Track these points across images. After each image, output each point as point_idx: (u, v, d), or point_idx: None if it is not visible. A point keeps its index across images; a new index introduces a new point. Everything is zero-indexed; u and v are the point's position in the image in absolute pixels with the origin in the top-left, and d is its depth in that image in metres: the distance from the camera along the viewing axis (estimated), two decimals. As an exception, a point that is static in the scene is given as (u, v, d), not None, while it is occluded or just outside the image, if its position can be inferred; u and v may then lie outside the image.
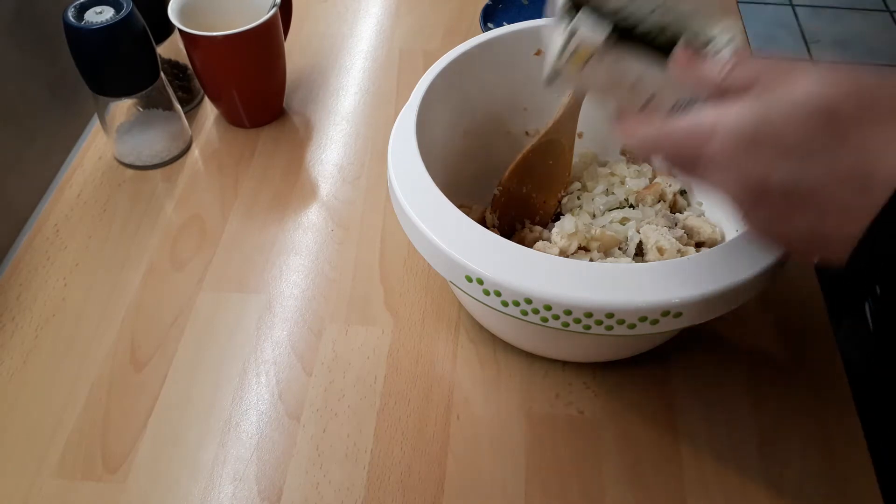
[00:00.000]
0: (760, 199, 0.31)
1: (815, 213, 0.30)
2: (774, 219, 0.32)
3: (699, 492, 0.48)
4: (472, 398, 0.53)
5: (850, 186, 0.29)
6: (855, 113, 0.29)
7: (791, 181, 0.30)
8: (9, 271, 0.60)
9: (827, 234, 0.30)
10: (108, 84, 0.63)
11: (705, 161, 0.32)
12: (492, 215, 0.58)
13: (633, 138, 0.36)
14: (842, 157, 0.29)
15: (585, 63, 0.35)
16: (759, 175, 0.31)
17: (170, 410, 0.52)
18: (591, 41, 0.34)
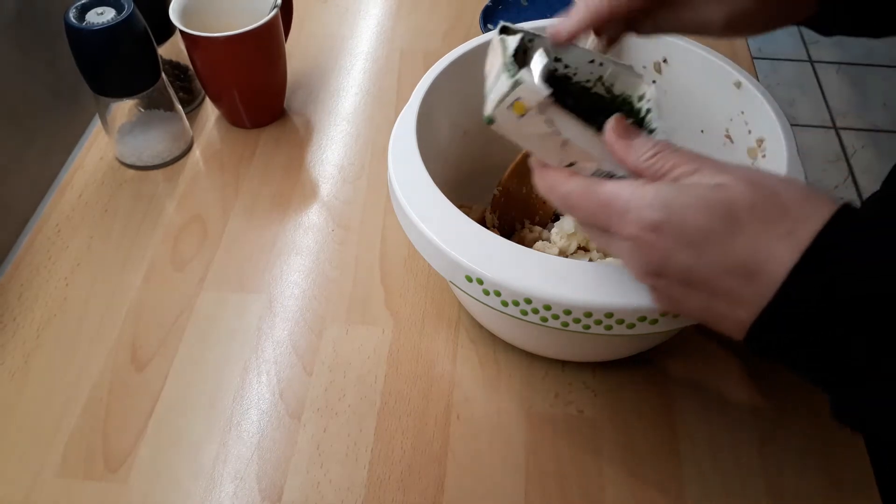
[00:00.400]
0: (659, 280, 0.35)
1: (707, 297, 0.33)
2: (673, 298, 0.35)
3: (699, 491, 0.48)
4: (472, 398, 0.53)
5: (737, 276, 0.31)
6: (750, 212, 0.31)
7: (686, 267, 0.33)
8: (10, 271, 0.61)
9: (719, 315, 0.33)
10: (109, 85, 0.63)
11: (614, 236, 0.35)
12: (492, 215, 0.58)
13: (551, 192, 0.38)
14: (733, 250, 0.31)
15: (524, 114, 0.36)
16: (659, 259, 0.33)
17: (171, 410, 0.52)
18: (534, 96, 0.35)
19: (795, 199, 0.31)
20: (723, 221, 0.32)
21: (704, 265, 0.32)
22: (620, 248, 0.35)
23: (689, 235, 0.32)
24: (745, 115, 0.52)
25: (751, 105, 0.51)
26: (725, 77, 0.52)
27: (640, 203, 0.33)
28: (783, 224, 0.31)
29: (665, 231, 0.32)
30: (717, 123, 0.54)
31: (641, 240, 0.33)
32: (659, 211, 0.32)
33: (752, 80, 0.51)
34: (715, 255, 0.32)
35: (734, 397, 0.52)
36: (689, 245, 0.32)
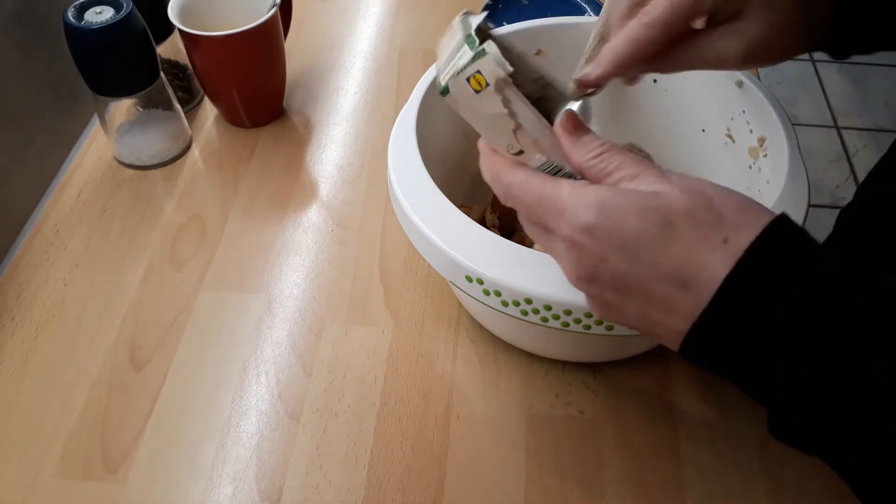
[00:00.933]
0: (592, 286, 0.34)
1: (643, 305, 0.32)
2: (608, 305, 0.34)
3: (699, 492, 0.48)
4: (472, 398, 0.53)
5: (672, 284, 0.31)
6: (686, 218, 0.31)
7: (619, 273, 0.32)
8: (9, 271, 0.60)
9: (654, 324, 0.33)
10: (107, 84, 0.63)
11: (551, 234, 0.35)
12: (492, 215, 0.58)
13: (495, 180, 0.37)
14: (668, 256, 0.31)
15: (480, 90, 0.35)
16: (592, 263, 0.33)
17: (170, 410, 0.52)
18: (495, 71, 0.35)
19: (731, 208, 0.31)
20: (658, 227, 0.31)
21: (639, 271, 0.32)
22: (557, 248, 0.35)
23: (624, 240, 0.32)
24: (747, 115, 0.52)
25: (752, 104, 0.51)
26: (727, 76, 0.52)
27: (577, 203, 0.33)
28: (718, 232, 0.31)
29: (599, 234, 0.32)
30: (718, 123, 0.54)
31: (575, 242, 0.33)
32: (594, 213, 0.32)
33: (753, 80, 0.51)
34: (649, 261, 0.31)
35: (734, 397, 0.52)
36: (622, 250, 0.32)
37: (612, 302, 0.34)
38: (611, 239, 0.32)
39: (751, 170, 0.51)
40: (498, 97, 0.35)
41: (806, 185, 0.46)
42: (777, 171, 0.47)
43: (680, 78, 0.56)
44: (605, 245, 0.32)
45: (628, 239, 0.32)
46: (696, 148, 0.57)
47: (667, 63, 0.42)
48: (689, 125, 0.57)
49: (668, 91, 0.57)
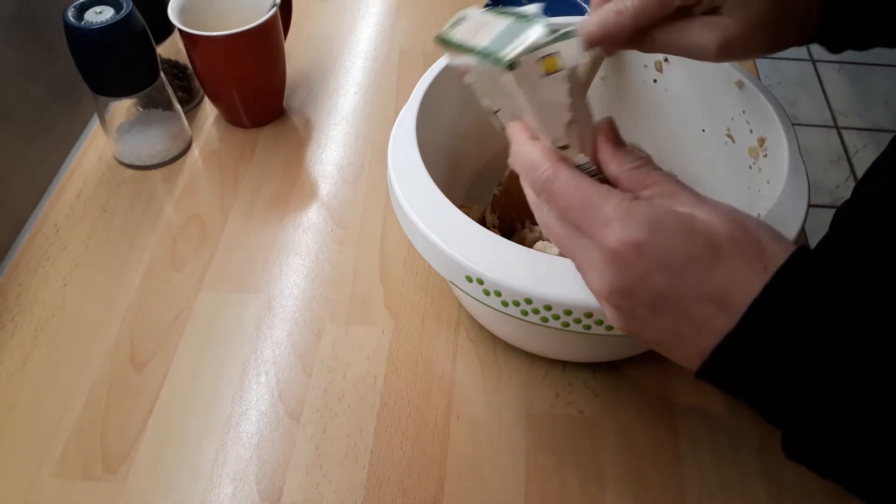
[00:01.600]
0: (624, 300, 0.33)
1: (675, 322, 0.33)
2: (637, 319, 0.34)
3: (699, 492, 0.48)
4: (472, 398, 0.53)
5: (713, 305, 0.31)
6: (731, 244, 0.32)
7: (660, 290, 0.32)
8: (9, 271, 0.60)
9: (681, 341, 0.33)
10: (107, 84, 0.63)
11: (585, 239, 0.34)
12: (492, 215, 0.58)
13: (533, 169, 0.36)
14: (713, 278, 0.31)
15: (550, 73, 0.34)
16: (634, 279, 0.32)
17: (170, 410, 0.52)
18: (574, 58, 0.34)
19: (767, 237, 0.32)
20: (705, 249, 0.32)
21: (680, 290, 0.32)
22: (589, 255, 0.34)
23: (671, 258, 0.32)
24: (747, 115, 0.51)
25: (752, 104, 0.51)
26: (727, 76, 0.52)
27: (628, 216, 0.32)
28: (760, 260, 0.31)
29: (647, 251, 0.32)
30: (719, 123, 0.54)
31: (620, 255, 0.32)
32: (646, 230, 0.32)
33: (753, 80, 0.51)
34: (694, 281, 0.32)
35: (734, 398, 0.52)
36: (667, 268, 0.32)
37: (642, 316, 0.34)
38: (659, 256, 0.32)
39: (751, 170, 0.51)
40: (566, 86, 0.34)
41: (806, 185, 0.46)
42: (777, 171, 0.47)
43: (680, 78, 0.56)
44: (652, 262, 0.32)
45: (675, 258, 0.32)
46: (696, 148, 0.57)
47: (646, 44, 0.43)
48: (689, 125, 0.57)
49: (668, 91, 0.57)
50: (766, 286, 0.31)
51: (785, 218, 0.44)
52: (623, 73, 0.58)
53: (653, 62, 0.56)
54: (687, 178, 0.60)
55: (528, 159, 0.36)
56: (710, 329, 0.32)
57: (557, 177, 0.35)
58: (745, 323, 0.31)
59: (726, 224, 0.32)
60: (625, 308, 0.34)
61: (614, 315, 0.35)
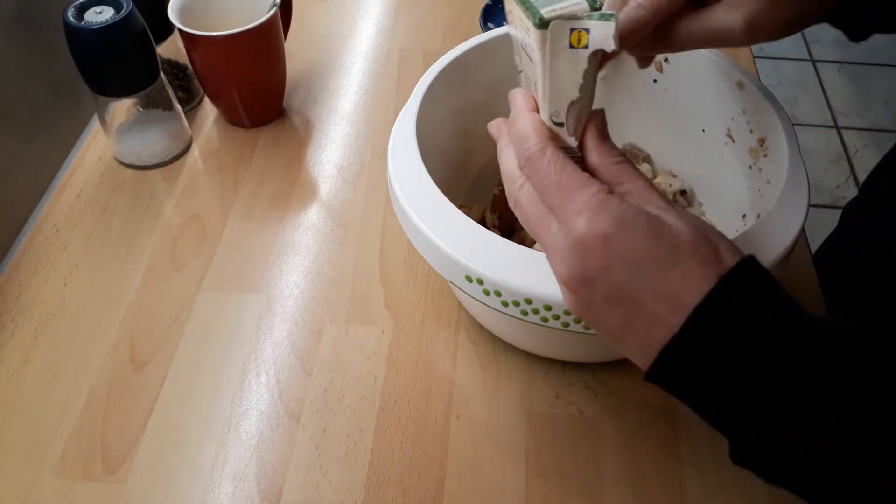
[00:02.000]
0: (582, 287, 0.34)
1: (628, 316, 0.34)
2: (591, 307, 0.35)
3: (699, 492, 0.48)
4: (472, 398, 0.53)
5: (666, 303, 0.32)
6: (691, 248, 0.33)
7: (619, 284, 0.33)
8: (9, 271, 0.60)
9: (631, 335, 0.34)
10: (107, 84, 0.63)
11: (554, 223, 0.35)
12: (492, 215, 0.58)
13: (524, 140, 0.36)
14: (670, 279, 0.32)
15: (574, 47, 0.34)
16: (595, 268, 0.33)
17: (170, 410, 0.52)
18: (603, 41, 0.34)
19: (726, 250, 0.33)
20: (667, 251, 0.33)
21: (637, 286, 0.33)
22: (555, 238, 0.35)
23: (633, 255, 0.33)
24: (747, 115, 0.51)
25: (752, 104, 0.51)
26: (727, 76, 0.52)
27: (600, 208, 0.33)
28: (715, 268, 0.32)
29: (612, 245, 0.33)
30: (719, 123, 0.54)
31: (586, 244, 0.33)
32: (616, 225, 0.33)
33: (753, 80, 0.51)
34: (651, 280, 0.33)
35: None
36: (628, 264, 0.33)
37: (597, 305, 0.34)
38: (622, 252, 0.33)
39: (751, 170, 0.51)
40: (584, 65, 0.35)
41: (806, 185, 0.46)
42: (777, 171, 0.47)
43: (680, 78, 0.56)
44: (614, 256, 0.33)
45: (637, 256, 0.33)
46: (696, 148, 0.57)
47: (672, 41, 0.42)
48: (689, 125, 0.57)
49: (668, 91, 0.57)
50: (713, 288, 0.32)
51: (785, 218, 0.44)
52: (623, 73, 0.58)
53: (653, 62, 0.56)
54: (687, 178, 0.60)
55: (522, 128, 0.37)
56: (660, 326, 0.33)
57: (544, 154, 0.35)
58: (691, 321, 0.32)
59: (690, 231, 0.33)
60: (582, 295, 0.35)
61: (570, 299, 0.35)
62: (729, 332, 0.32)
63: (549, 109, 0.37)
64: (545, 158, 0.35)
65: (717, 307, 0.32)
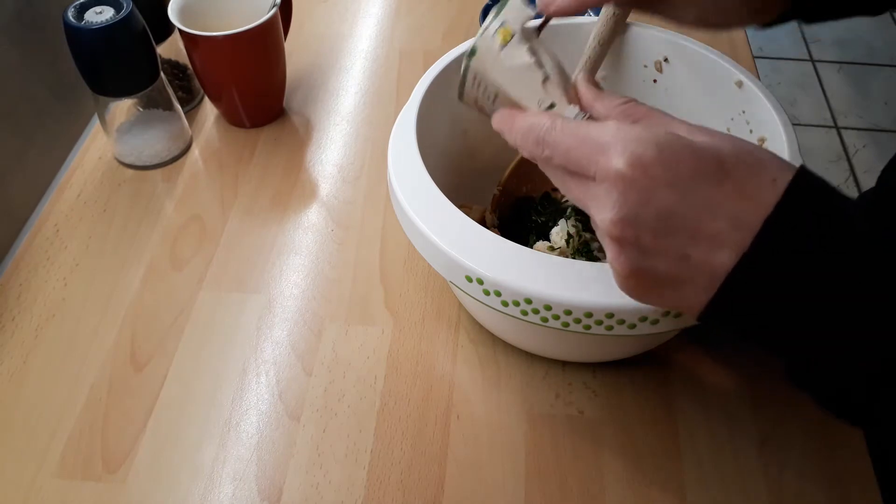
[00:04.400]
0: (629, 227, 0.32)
1: (683, 245, 0.31)
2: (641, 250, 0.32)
3: (699, 491, 0.48)
4: (472, 398, 0.53)
5: (724, 220, 0.30)
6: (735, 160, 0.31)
7: (668, 209, 0.31)
8: (9, 271, 0.60)
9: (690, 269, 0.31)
10: (108, 84, 0.63)
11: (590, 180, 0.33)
12: (492, 215, 0.58)
13: (530, 130, 0.35)
14: (722, 192, 0.30)
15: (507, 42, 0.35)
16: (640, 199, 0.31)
17: (170, 410, 0.52)
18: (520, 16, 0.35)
19: (767, 155, 0.32)
20: (711, 164, 0.31)
21: (688, 207, 0.30)
22: (594, 192, 0.33)
23: (678, 175, 0.30)
24: (747, 115, 0.52)
25: (752, 104, 0.51)
26: (726, 76, 0.52)
27: (628, 137, 0.31)
28: (767, 172, 0.30)
29: (653, 168, 0.30)
30: (718, 122, 0.54)
31: (624, 176, 0.31)
32: (651, 147, 0.31)
33: (753, 80, 0.51)
34: (703, 196, 0.30)
35: (734, 397, 0.52)
36: (674, 185, 0.30)
37: (648, 246, 0.32)
38: (666, 173, 0.30)
39: (751, 170, 0.51)
40: (524, 46, 0.35)
41: (806, 185, 0.46)
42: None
43: (680, 78, 0.56)
44: (658, 180, 0.30)
45: (683, 174, 0.30)
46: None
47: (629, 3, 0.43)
48: (689, 125, 0.56)
49: (668, 91, 0.57)
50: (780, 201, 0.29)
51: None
52: (623, 73, 0.58)
53: (653, 62, 0.56)
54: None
55: (524, 125, 0.36)
56: (723, 247, 0.30)
57: (554, 126, 0.34)
58: (763, 237, 0.29)
59: (729, 144, 0.31)
60: (629, 240, 0.32)
61: (617, 253, 0.33)
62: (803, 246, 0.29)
63: (532, 105, 0.37)
64: (556, 129, 0.34)
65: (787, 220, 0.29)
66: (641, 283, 0.33)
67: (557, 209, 0.57)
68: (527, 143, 0.35)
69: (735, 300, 0.31)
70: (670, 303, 0.34)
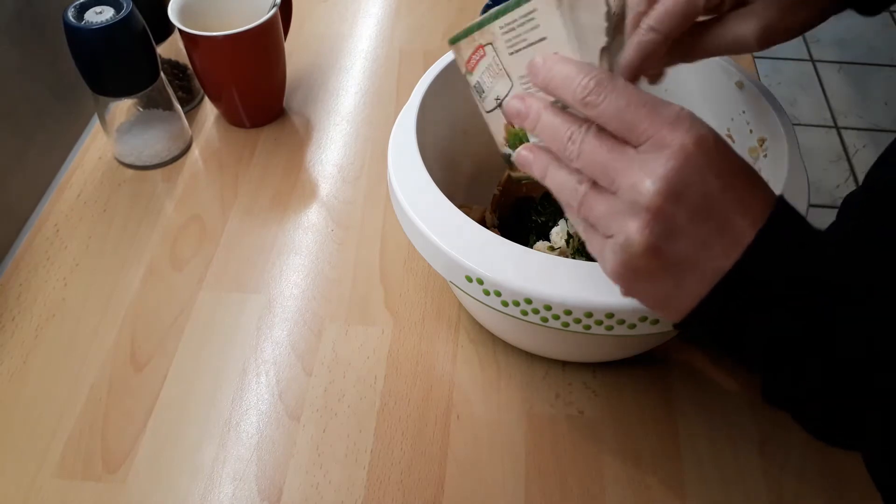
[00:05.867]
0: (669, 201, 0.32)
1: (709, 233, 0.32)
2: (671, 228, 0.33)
3: (699, 491, 0.48)
4: (472, 398, 0.53)
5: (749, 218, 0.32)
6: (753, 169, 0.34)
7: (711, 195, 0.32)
8: (9, 271, 0.60)
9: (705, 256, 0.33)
10: (108, 84, 0.63)
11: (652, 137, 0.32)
12: (492, 215, 0.58)
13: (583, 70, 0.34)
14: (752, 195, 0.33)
15: None
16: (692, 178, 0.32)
17: (170, 410, 0.52)
18: None
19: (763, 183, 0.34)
20: (747, 168, 0.34)
21: (726, 200, 0.32)
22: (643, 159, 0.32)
23: (728, 165, 0.33)
24: (747, 115, 0.52)
25: (752, 104, 0.51)
26: (727, 76, 0.52)
27: (694, 117, 0.33)
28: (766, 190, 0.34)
29: (712, 153, 0.32)
30: (719, 123, 0.54)
31: (686, 149, 0.32)
32: (712, 133, 0.33)
33: (753, 80, 0.51)
34: (739, 193, 0.33)
35: (734, 397, 0.52)
36: (723, 173, 0.32)
37: (679, 225, 0.32)
38: (719, 161, 0.32)
39: (751, 170, 0.51)
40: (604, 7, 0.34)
41: (806, 185, 0.46)
42: (777, 171, 0.47)
43: (680, 79, 0.56)
44: (712, 166, 0.32)
45: (731, 167, 0.33)
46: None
47: (687, 54, 0.43)
48: (689, 125, 0.56)
49: (668, 91, 0.57)
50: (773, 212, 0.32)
51: (785, 218, 0.44)
52: (623, 74, 0.58)
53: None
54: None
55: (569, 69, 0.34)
56: (739, 245, 0.32)
57: (616, 78, 0.33)
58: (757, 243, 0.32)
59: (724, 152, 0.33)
60: (665, 214, 0.32)
61: (645, 224, 0.32)
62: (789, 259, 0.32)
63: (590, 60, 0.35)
64: (618, 80, 0.33)
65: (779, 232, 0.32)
66: (647, 265, 0.33)
67: (557, 209, 0.57)
68: (570, 86, 0.34)
69: (725, 302, 0.33)
70: (661, 295, 0.34)
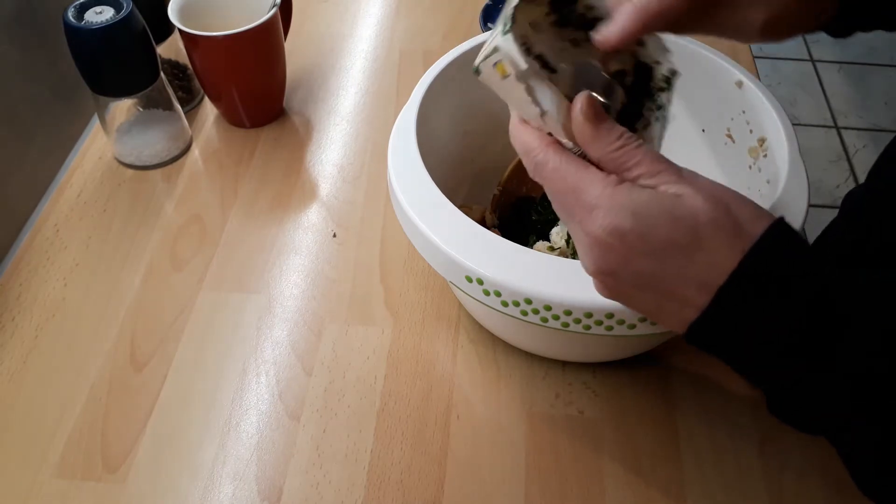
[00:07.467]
0: (608, 279, 0.35)
1: (658, 300, 0.35)
2: (621, 295, 0.36)
3: (699, 492, 0.48)
4: (472, 398, 0.53)
5: (693, 287, 0.33)
6: (712, 228, 0.33)
7: (644, 273, 0.34)
8: (9, 271, 0.60)
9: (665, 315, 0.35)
10: (108, 84, 0.63)
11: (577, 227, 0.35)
12: (492, 215, 0.58)
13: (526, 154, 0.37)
14: (693, 263, 0.33)
15: (505, 77, 0.36)
16: (617, 263, 0.34)
17: (170, 410, 0.52)
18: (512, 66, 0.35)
19: (747, 217, 0.33)
20: (686, 236, 0.33)
21: (662, 274, 0.34)
22: (579, 237, 0.36)
23: (653, 245, 0.33)
24: (747, 115, 0.51)
25: (752, 104, 0.51)
26: (727, 76, 0.52)
27: (610, 206, 0.33)
28: (740, 242, 0.33)
29: (629, 239, 0.33)
30: (719, 123, 0.54)
31: (603, 242, 0.34)
32: (627, 218, 0.33)
33: (753, 80, 0.51)
34: (676, 266, 0.33)
35: (734, 397, 0.52)
36: (650, 254, 0.33)
37: (627, 293, 0.36)
38: (641, 243, 0.33)
39: (751, 170, 0.51)
40: (522, 86, 0.35)
41: (806, 185, 0.46)
42: (777, 171, 0.47)
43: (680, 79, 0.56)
44: (634, 249, 0.33)
45: (657, 245, 0.33)
46: (696, 148, 0.57)
47: (686, 25, 0.42)
48: (689, 125, 0.57)
49: (668, 91, 0.57)
50: (734, 271, 0.32)
51: (785, 218, 0.44)
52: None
53: (653, 62, 0.56)
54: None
55: (522, 141, 0.37)
56: (690, 307, 0.34)
57: (546, 162, 0.36)
58: (717, 300, 0.33)
59: (709, 207, 0.33)
60: (611, 285, 0.36)
61: (601, 288, 0.37)
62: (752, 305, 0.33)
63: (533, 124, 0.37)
64: (548, 168, 0.36)
65: (739, 287, 0.32)
66: (625, 305, 0.37)
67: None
68: (525, 160, 0.38)
69: (702, 344, 0.35)
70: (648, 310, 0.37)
